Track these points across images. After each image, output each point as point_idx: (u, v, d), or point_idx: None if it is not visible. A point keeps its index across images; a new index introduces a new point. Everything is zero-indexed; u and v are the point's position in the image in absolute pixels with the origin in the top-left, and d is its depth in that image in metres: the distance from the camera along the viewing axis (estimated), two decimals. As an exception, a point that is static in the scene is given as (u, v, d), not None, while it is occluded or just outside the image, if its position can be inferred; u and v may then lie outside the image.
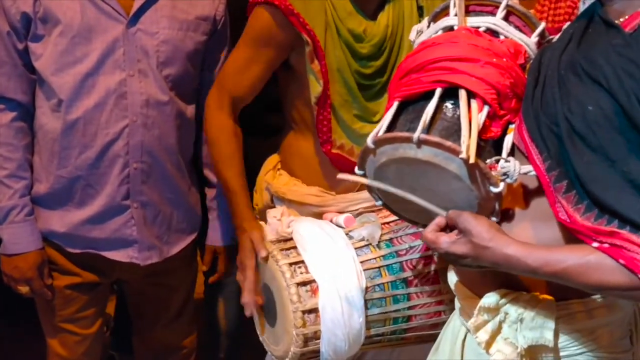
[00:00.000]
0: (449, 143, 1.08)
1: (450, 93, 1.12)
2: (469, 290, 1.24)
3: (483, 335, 1.15)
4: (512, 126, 1.14)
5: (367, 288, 1.45)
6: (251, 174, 1.68)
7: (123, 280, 1.81)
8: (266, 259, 1.47)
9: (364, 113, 1.57)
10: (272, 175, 1.68)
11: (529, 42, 1.19)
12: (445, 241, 1.10)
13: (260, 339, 1.57)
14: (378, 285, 1.46)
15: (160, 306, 1.84)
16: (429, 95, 1.13)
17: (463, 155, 1.06)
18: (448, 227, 1.13)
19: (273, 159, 1.71)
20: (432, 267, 1.49)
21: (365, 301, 1.44)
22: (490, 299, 1.14)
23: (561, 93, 1.04)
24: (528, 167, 1.09)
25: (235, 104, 1.58)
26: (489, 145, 1.14)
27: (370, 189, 1.25)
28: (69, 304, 1.71)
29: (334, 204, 1.60)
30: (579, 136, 1.01)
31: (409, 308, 1.48)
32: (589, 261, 0.99)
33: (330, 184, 1.61)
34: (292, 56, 1.55)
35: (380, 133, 1.16)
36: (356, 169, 1.22)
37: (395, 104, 1.16)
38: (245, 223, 1.53)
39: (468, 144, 1.07)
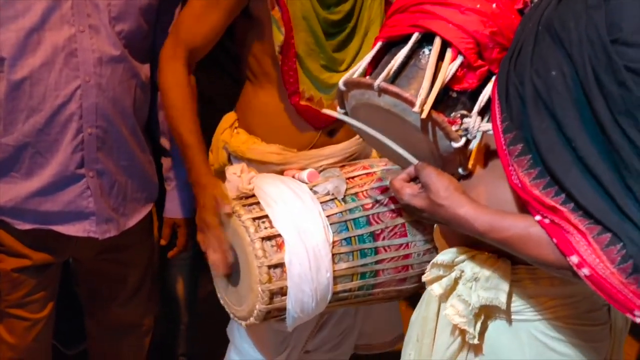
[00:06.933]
0: (406, 94, 1.06)
1: (431, 38, 1.09)
2: (444, 239, 1.25)
3: (437, 288, 1.16)
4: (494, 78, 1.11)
5: (334, 242, 1.43)
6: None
7: (75, 258, 1.70)
8: (230, 215, 1.41)
9: (331, 63, 1.53)
10: (229, 134, 1.61)
11: None
12: (407, 193, 1.12)
13: (222, 302, 1.52)
14: (345, 239, 1.44)
15: (116, 284, 1.74)
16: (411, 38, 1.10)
17: (415, 108, 1.04)
18: (417, 178, 1.14)
19: (229, 117, 1.63)
20: (400, 220, 1.48)
21: (333, 255, 1.42)
22: (445, 256, 1.16)
23: (534, 53, 1.00)
24: (489, 126, 1.07)
25: (191, 55, 1.49)
26: (465, 97, 1.11)
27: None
28: (16, 288, 1.58)
29: (296, 162, 1.57)
30: (542, 101, 0.97)
31: (377, 262, 1.47)
32: (530, 233, 1.00)
33: (291, 141, 1.57)
34: (252, 2, 1.47)
35: (355, 75, 1.15)
36: (337, 109, 1.21)
37: (378, 45, 1.14)
38: (204, 178, 1.46)
39: (424, 98, 1.04)
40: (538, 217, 0.99)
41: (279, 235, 1.39)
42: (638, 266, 0.91)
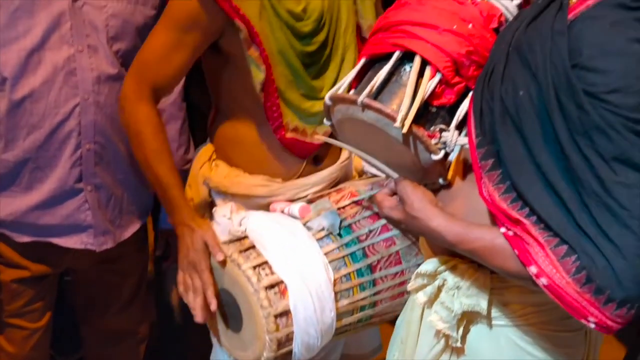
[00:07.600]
0: (388, 110, 1.10)
1: (411, 56, 1.13)
2: (428, 247, 1.27)
3: (422, 296, 1.21)
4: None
5: (334, 280, 1.41)
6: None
7: (72, 269, 1.73)
8: (224, 261, 1.37)
9: (311, 91, 1.49)
10: (209, 168, 1.54)
11: (509, 4, 1.15)
12: (386, 206, 1.17)
13: (219, 344, 1.50)
14: (344, 275, 1.42)
15: (112, 293, 1.77)
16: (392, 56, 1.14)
17: (397, 124, 1.08)
18: None
19: (207, 150, 1.57)
20: (394, 248, 1.47)
21: (335, 294, 1.40)
22: (428, 265, 1.19)
23: (504, 72, 1.04)
24: (465, 140, 1.10)
25: (156, 95, 1.42)
26: (444, 112, 1.15)
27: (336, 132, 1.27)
28: (15, 298, 1.62)
29: (282, 193, 1.51)
30: (510, 118, 1.02)
31: (375, 294, 1.46)
32: (495, 245, 1.04)
33: (275, 171, 1.51)
34: (223, 41, 1.41)
35: (341, 90, 1.19)
36: (324, 121, 1.24)
37: (362, 61, 1.18)
38: (191, 220, 1.40)
39: (404, 113, 1.08)
40: (503, 230, 1.03)
41: (282, 282, 1.36)
42: (591, 276, 0.95)
